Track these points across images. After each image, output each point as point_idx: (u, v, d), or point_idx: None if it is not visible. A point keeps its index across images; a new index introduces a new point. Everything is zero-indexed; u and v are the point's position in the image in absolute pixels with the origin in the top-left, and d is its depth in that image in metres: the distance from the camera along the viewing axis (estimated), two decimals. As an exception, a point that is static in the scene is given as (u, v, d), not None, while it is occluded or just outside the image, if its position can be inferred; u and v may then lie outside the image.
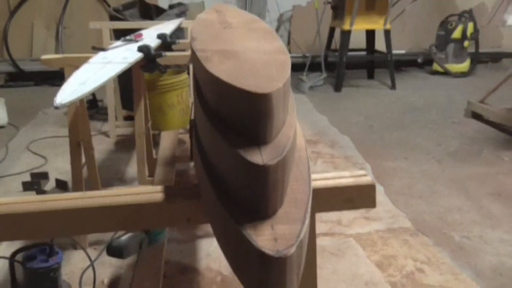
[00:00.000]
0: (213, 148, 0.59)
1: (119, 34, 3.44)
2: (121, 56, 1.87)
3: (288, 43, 6.07)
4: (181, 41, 2.42)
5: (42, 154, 3.03)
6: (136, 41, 2.18)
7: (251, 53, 0.75)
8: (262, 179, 0.46)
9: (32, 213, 0.62)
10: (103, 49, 1.98)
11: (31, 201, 0.64)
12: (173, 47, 2.28)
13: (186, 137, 3.22)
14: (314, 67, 5.40)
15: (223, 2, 5.94)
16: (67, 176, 2.68)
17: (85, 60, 1.93)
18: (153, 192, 0.66)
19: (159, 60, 1.93)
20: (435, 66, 5.85)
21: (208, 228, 2.12)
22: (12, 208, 0.64)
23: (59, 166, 2.84)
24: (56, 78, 5.08)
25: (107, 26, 3.29)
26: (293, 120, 0.57)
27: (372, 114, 4.15)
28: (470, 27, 5.71)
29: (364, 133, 3.61)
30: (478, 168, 2.93)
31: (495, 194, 2.58)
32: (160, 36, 2.25)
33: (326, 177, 0.69)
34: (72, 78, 1.54)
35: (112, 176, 2.72)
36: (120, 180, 2.67)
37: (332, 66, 5.45)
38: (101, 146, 3.16)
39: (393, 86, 5.04)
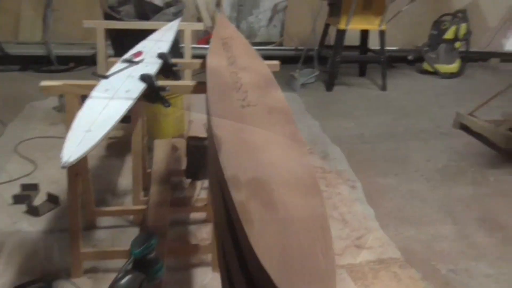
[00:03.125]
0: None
1: (114, 32, 3.36)
2: (124, 89, 1.83)
3: (281, 35, 6.00)
4: (181, 61, 2.38)
5: (32, 158, 2.98)
6: (137, 62, 2.14)
7: (286, 191, 0.76)
8: None
9: None
10: (104, 77, 1.93)
11: None
12: (175, 68, 2.24)
13: (179, 142, 3.20)
14: (306, 60, 5.36)
15: (217, -11, 5.81)
16: (58, 186, 2.66)
17: (86, 88, 1.90)
18: None
19: (162, 93, 1.90)
20: (425, 65, 5.88)
21: (203, 256, 2.14)
22: None
23: (50, 174, 2.80)
24: (42, 62, 4.96)
25: (102, 25, 3.19)
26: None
27: (363, 119, 4.17)
28: (463, 28, 5.72)
29: (355, 142, 3.64)
30: (465, 188, 3.00)
31: (480, 220, 2.65)
32: (161, 56, 2.21)
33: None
34: (76, 124, 1.51)
35: (104, 188, 2.70)
36: (113, 193, 2.66)
37: (324, 59, 5.43)
38: (93, 152, 3.11)
39: (384, 88, 5.05)
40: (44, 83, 1.94)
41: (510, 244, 2.44)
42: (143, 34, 2.59)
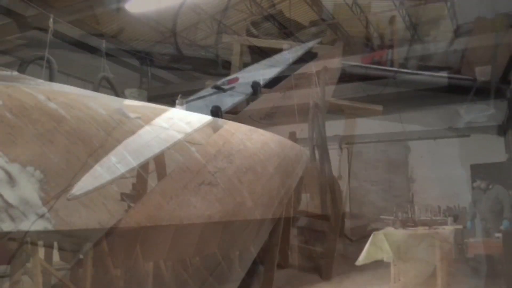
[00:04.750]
0: None
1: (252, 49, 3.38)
2: (186, 119, 1.74)
3: (461, 61, 5.23)
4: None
5: None
6: (226, 90, 2.05)
7: None
8: None
9: None
10: (181, 102, 1.88)
11: None
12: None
13: None
14: (477, 92, 4.44)
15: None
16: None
17: (161, 112, 1.86)
18: None
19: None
20: None
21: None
22: None
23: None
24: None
25: (239, 40, 3.21)
26: None
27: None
28: None
29: None
30: None
31: None
32: (253, 85, 2.10)
33: None
34: (114, 151, 1.47)
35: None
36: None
37: (503, 96, 4.49)
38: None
39: None
40: (127, 102, 1.97)
41: None
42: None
